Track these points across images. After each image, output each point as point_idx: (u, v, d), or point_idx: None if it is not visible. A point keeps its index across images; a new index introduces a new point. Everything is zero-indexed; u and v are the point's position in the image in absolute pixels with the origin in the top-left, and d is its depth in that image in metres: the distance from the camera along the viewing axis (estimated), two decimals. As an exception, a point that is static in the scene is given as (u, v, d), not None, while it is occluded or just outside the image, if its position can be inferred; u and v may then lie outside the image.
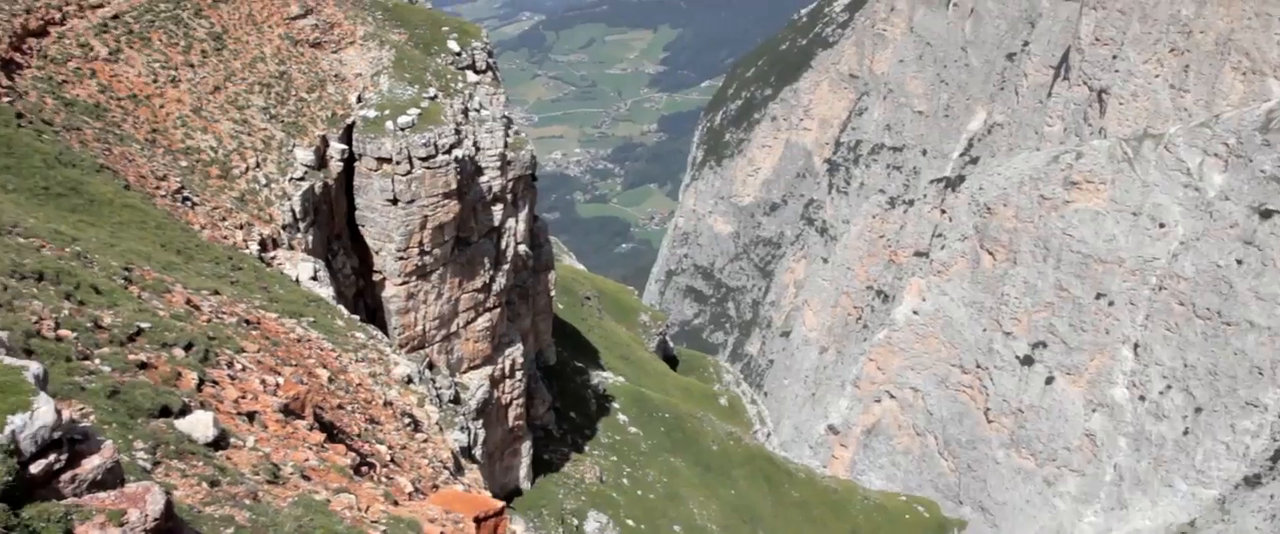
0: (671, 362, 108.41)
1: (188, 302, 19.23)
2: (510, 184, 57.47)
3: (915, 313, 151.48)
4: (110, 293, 17.14)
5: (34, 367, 5.79)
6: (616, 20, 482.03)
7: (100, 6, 42.01)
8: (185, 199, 37.19)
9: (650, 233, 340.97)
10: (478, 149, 53.82)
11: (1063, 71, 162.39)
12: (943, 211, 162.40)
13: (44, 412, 5.34)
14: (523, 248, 61.96)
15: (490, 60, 59.65)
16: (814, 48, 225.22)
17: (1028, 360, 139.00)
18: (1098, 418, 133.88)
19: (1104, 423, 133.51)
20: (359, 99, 51.09)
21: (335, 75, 52.99)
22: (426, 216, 49.69)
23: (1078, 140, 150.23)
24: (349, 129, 49.30)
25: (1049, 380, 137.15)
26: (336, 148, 47.77)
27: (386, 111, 49.80)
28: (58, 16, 39.50)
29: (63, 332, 12.26)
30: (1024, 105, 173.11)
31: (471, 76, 56.94)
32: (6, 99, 35.31)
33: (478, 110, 54.88)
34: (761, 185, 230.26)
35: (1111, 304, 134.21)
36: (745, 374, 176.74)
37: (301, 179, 44.10)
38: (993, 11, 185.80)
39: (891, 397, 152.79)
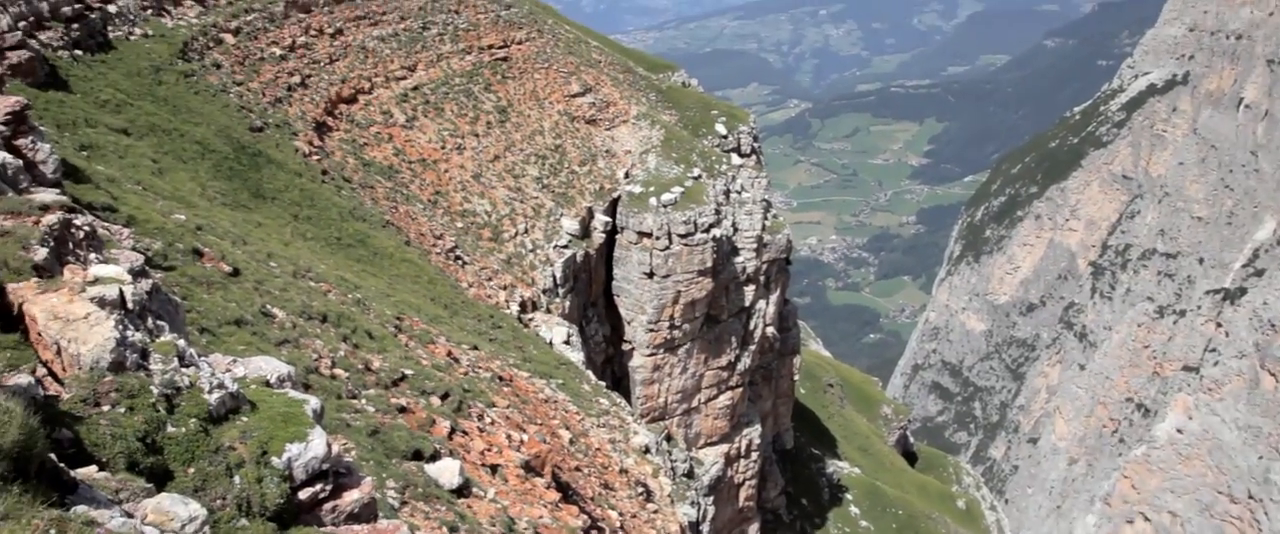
0: (910, 458, 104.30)
1: (449, 353, 20.38)
2: (764, 266, 57.74)
3: (1180, 431, 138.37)
4: (382, 339, 18.52)
5: (314, 401, 6.36)
6: (882, 111, 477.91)
7: (403, 78, 45.94)
8: (457, 257, 39.70)
9: (900, 325, 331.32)
10: (736, 230, 54.59)
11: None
12: (1218, 325, 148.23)
13: (317, 444, 5.84)
14: (771, 330, 61.82)
15: (755, 144, 60.57)
16: (1086, 146, 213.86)
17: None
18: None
19: None
20: (626, 175, 53.08)
21: (606, 151, 55.36)
22: (680, 292, 50.68)
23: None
24: (614, 203, 51.25)
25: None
26: (601, 220, 49.73)
27: (651, 188, 51.44)
28: (367, 86, 43.49)
29: (337, 370, 13.33)
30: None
31: (736, 159, 58.04)
32: (315, 157, 39.30)
33: (739, 192, 55.75)
34: (1019, 285, 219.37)
35: None
36: (986, 478, 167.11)
37: (565, 247, 46.12)
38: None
39: (1146, 519, 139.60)
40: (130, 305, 7.17)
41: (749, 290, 56.64)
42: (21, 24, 37.36)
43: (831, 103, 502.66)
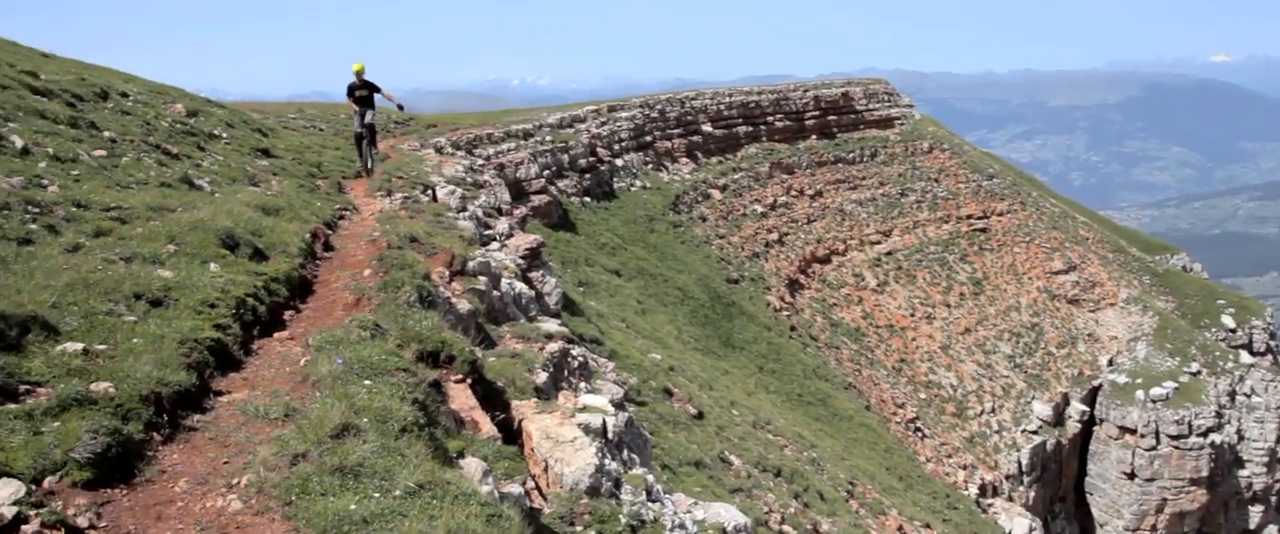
0: None
1: (899, 528, 19.49)
2: (1276, 484, 49.64)
3: None
4: (833, 502, 18.13)
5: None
6: None
7: (878, 243, 46.38)
8: (917, 429, 38.48)
9: None
10: (1241, 438, 47.83)
11: None
12: None
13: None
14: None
15: (1271, 343, 53.17)
16: None
17: None
18: None
19: None
20: (1110, 362, 49.01)
21: (1088, 334, 51.53)
22: (1166, 500, 45.05)
23: None
24: (1094, 391, 47.40)
25: None
26: (1077, 408, 46.16)
27: (1138, 380, 46.88)
28: (842, 248, 44.40)
29: (786, 528, 13.16)
30: None
31: (1246, 358, 51.29)
32: (785, 313, 40.48)
33: (1248, 395, 48.95)
34: None
35: None
36: None
37: (1035, 432, 43.20)
38: None
39: None
40: (610, 435, 7.56)
41: (1255, 511, 48.74)
42: (546, 172, 43.23)
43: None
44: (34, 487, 4.35)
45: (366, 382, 6.03)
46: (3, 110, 12.59)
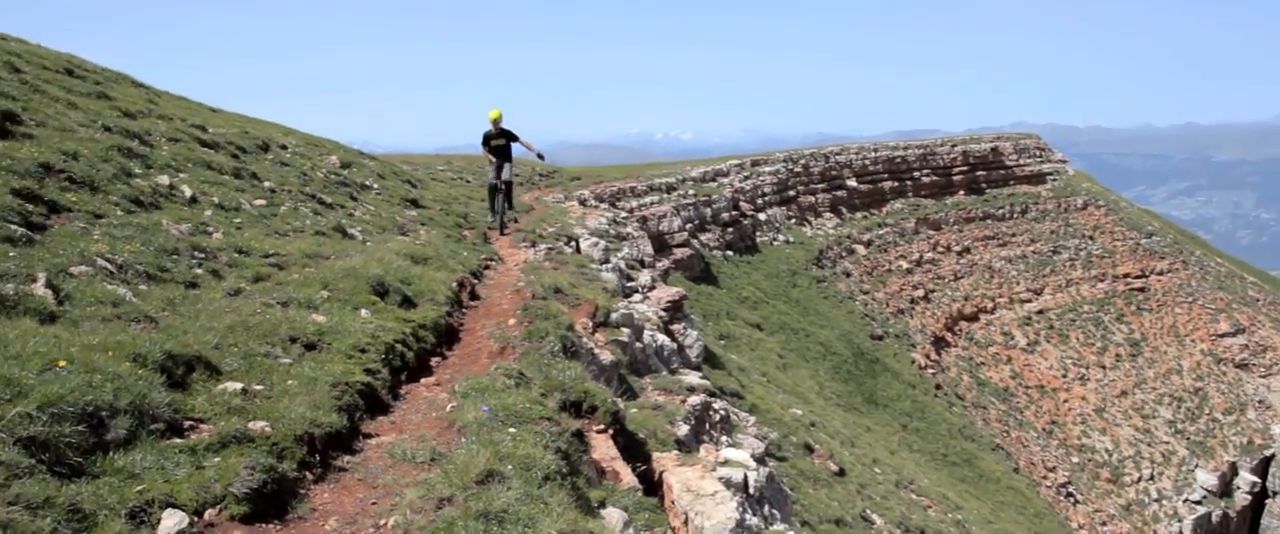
0: None
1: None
2: None
3: None
4: (983, 570, 17.30)
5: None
6: None
7: (1028, 301, 44.80)
8: (1069, 494, 36.68)
9: None
10: None
11: None
12: None
13: None
14: None
15: None
16: None
17: None
18: None
19: None
20: (1283, 430, 45.67)
21: (1259, 401, 48.33)
22: (1347, 582, 41.41)
23: None
24: (1266, 462, 44.25)
25: None
26: (1246, 478, 43.11)
27: (1316, 450, 43.54)
28: (990, 306, 43.02)
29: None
30: None
31: None
32: (930, 370, 39.31)
33: None
34: None
35: None
36: None
37: (1198, 503, 40.51)
38: None
39: None
40: (751, 490, 7.39)
41: None
42: (688, 225, 43.40)
43: None
44: (195, 518, 4.49)
45: (511, 429, 6.07)
46: (175, 162, 13.39)
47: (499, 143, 19.49)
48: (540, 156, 21.58)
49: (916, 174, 66.49)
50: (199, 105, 23.53)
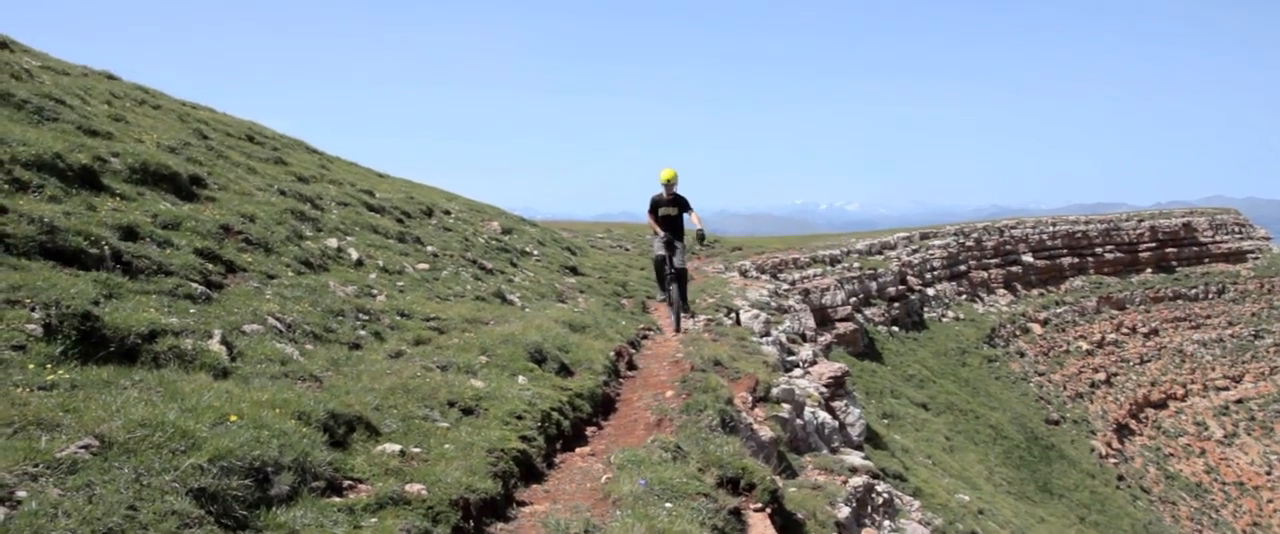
0: None
1: None
2: None
3: None
4: None
5: None
6: None
7: (1226, 389, 41.86)
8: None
9: None
10: None
11: None
12: None
13: None
14: None
15: None
16: None
17: None
18: None
19: None
20: None
21: None
22: None
23: None
24: None
25: None
26: None
27: None
28: (1181, 393, 40.40)
29: None
30: None
31: None
32: (1112, 460, 36.94)
33: None
34: None
35: None
36: None
37: None
38: None
39: None
40: (918, 581, 6.96)
41: None
42: (852, 299, 42.51)
43: None
44: (352, 578, 4.50)
45: (667, 504, 5.92)
46: (343, 225, 13.98)
47: (669, 211, 15.25)
48: (701, 236, 16.59)
49: (1098, 250, 63.52)
50: (367, 170, 24.67)
